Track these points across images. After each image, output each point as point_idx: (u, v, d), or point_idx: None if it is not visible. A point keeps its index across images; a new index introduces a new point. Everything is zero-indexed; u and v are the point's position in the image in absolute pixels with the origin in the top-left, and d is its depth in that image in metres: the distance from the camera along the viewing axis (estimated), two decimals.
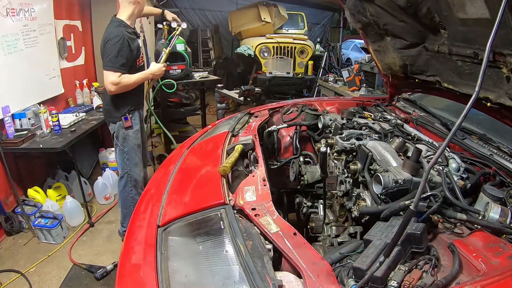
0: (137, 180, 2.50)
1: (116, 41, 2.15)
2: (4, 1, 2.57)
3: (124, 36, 2.18)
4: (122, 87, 2.24)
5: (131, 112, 2.43)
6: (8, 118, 2.66)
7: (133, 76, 2.29)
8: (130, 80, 2.26)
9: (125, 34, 2.20)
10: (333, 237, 1.58)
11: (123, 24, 2.27)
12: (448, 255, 0.98)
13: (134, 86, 2.33)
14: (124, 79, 2.22)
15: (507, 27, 1.04)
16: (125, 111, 2.40)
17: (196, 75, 3.48)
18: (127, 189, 2.49)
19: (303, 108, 2.26)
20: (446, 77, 1.67)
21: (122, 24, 2.26)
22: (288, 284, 0.88)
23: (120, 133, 2.42)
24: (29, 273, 2.37)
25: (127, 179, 2.48)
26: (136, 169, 2.50)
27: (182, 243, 1.09)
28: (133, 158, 2.48)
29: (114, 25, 2.25)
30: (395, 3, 1.52)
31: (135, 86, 2.34)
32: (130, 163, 2.47)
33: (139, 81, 2.36)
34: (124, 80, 2.22)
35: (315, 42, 7.17)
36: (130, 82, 2.27)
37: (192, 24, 7.98)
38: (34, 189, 2.89)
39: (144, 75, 2.39)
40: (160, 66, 2.51)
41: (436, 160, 0.85)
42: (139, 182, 2.52)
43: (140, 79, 2.35)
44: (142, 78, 2.38)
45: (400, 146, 1.46)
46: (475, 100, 0.79)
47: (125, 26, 2.26)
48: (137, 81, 2.33)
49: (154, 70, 2.47)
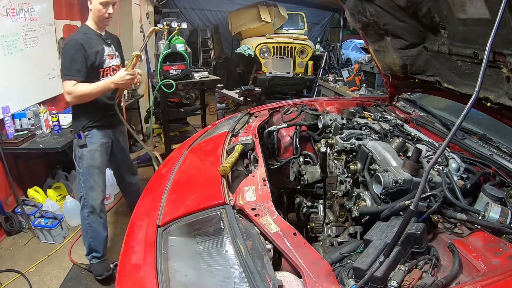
0: (94, 206, 2.17)
1: (69, 46, 1.97)
2: (4, 1, 2.57)
3: (77, 39, 1.97)
4: (77, 97, 1.97)
5: (87, 130, 2.13)
6: (8, 118, 2.66)
7: (90, 85, 1.99)
8: (85, 89, 1.97)
9: (80, 38, 1.99)
10: (333, 237, 1.58)
11: (85, 29, 2.08)
12: (448, 255, 0.97)
13: (92, 96, 2.02)
14: (79, 87, 1.95)
15: (507, 27, 1.04)
16: (79, 128, 2.12)
17: (196, 75, 3.48)
18: (84, 214, 2.20)
19: (303, 108, 2.26)
20: (446, 77, 1.67)
21: (84, 29, 2.08)
22: (288, 284, 0.88)
23: (76, 151, 2.17)
24: (29, 273, 2.37)
25: (83, 203, 2.19)
26: (92, 194, 2.16)
27: (182, 243, 1.09)
28: (88, 181, 2.16)
29: (77, 31, 2.12)
30: (395, 3, 1.52)
31: (94, 96, 2.03)
32: (85, 186, 2.16)
33: (98, 91, 2.01)
34: (79, 88, 1.95)
35: (315, 42, 7.18)
36: (86, 92, 1.97)
37: (192, 24, 7.99)
38: (34, 189, 2.89)
39: (104, 84, 2.03)
40: (122, 74, 2.05)
41: (436, 160, 0.85)
42: (96, 208, 2.18)
43: (99, 89, 2.00)
44: (102, 88, 2.02)
45: (400, 146, 1.46)
46: (475, 100, 0.79)
47: (86, 32, 2.06)
48: (95, 91, 2.00)
49: (115, 78, 2.04)
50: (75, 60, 1.94)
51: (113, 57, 2.21)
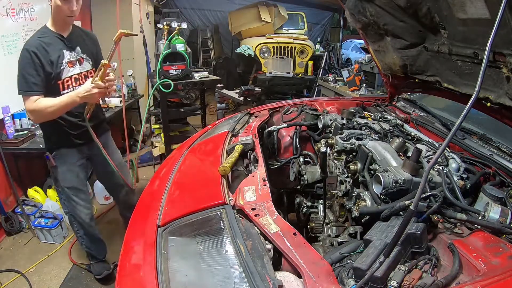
0: (81, 222, 2.09)
1: (20, 57, 1.70)
2: (4, 1, 2.58)
3: (28, 48, 1.69)
4: (41, 115, 1.73)
5: (55, 150, 1.92)
6: (8, 118, 2.66)
7: (53, 99, 1.72)
8: (48, 104, 1.70)
9: (32, 44, 1.70)
10: (333, 237, 1.58)
11: (42, 32, 1.77)
12: (448, 255, 0.97)
13: (58, 112, 1.75)
14: (41, 104, 1.69)
15: (507, 27, 1.04)
16: (47, 149, 1.94)
17: (196, 75, 3.47)
18: (75, 228, 2.14)
19: (303, 108, 2.26)
20: (446, 77, 1.67)
21: (41, 32, 1.77)
22: (288, 284, 0.88)
23: (50, 171, 1.99)
24: (29, 273, 2.38)
25: (71, 218, 2.12)
26: (77, 211, 2.06)
27: (182, 243, 1.09)
28: (69, 201, 2.02)
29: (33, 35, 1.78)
30: (395, 3, 1.52)
31: (60, 113, 1.76)
32: (68, 204, 2.04)
33: (62, 106, 1.72)
34: (41, 104, 1.69)
35: (315, 42, 7.18)
36: (49, 108, 1.70)
37: (192, 24, 7.99)
38: (34, 189, 2.89)
39: (67, 99, 1.71)
40: (88, 87, 1.70)
41: (436, 160, 0.85)
42: (85, 220, 2.09)
43: (63, 104, 1.71)
44: (65, 102, 1.72)
45: (400, 146, 1.46)
46: (475, 100, 0.79)
47: (42, 35, 1.74)
48: (60, 107, 1.71)
49: (80, 91, 1.71)
50: (28, 72, 1.69)
51: (74, 64, 1.84)
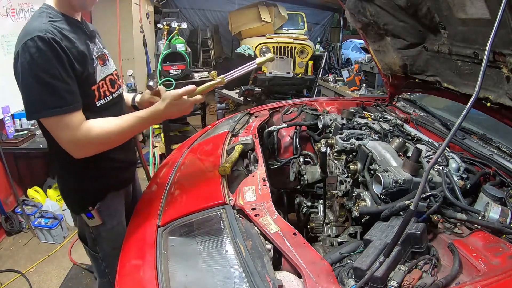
0: None
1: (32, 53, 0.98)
2: (4, 1, 2.57)
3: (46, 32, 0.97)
4: (95, 145, 1.09)
5: (100, 201, 1.27)
6: (8, 118, 2.66)
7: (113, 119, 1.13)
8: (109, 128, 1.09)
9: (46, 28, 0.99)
10: (333, 237, 1.58)
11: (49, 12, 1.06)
12: (448, 255, 0.97)
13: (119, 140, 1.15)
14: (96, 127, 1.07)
15: (507, 27, 1.04)
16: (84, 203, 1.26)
17: (196, 75, 3.48)
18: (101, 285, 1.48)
19: (303, 108, 2.25)
20: (446, 77, 1.67)
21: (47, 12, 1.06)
22: (288, 284, 0.88)
23: (86, 233, 1.34)
24: (29, 273, 2.38)
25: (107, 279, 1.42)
26: None
27: (182, 243, 1.09)
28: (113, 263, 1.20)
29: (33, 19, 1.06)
30: (395, 3, 1.52)
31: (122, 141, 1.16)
32: (110, 270, 1.37)
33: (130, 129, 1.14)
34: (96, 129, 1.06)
35: (315, 42, 7.17)
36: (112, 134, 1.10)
37: (192, 24, 7.99)
38: (34, 189, 2.89)
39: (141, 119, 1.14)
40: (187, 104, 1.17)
41: (436, 160, 0.85)
42: None
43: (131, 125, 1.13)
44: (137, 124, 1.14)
45: (400, 146, 1.46)
46: (475, 100, 0.79)
47: (53, 16, 1.05)
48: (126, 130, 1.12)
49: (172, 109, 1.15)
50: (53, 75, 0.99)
51: (105, 60, 1.22)
